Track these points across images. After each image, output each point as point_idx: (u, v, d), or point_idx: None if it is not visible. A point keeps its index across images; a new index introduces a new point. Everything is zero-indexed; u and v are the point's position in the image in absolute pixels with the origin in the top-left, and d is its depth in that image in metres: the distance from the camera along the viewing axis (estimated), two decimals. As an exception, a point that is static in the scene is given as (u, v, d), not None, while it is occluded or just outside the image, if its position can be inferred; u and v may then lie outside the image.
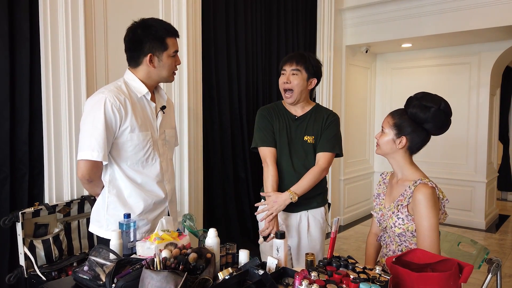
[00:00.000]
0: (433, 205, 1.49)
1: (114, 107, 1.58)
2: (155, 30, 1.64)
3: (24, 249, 1.95)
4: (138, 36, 1.64)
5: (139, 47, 1.64)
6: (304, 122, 2.07)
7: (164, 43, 1.65)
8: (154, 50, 1.63)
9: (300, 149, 2.05)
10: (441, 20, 4.12)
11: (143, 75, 1.68)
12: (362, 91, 5.39)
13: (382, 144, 1.66)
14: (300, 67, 2.00)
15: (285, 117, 2.10)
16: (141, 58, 1.65)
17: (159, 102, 1.78)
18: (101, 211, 1.71)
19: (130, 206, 1.69)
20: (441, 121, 1.56)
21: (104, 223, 1.70)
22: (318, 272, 1.09)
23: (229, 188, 3.39)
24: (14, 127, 2.11)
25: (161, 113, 1.75)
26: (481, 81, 4.80)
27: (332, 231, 1.33)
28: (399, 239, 1.63)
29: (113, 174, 1.68)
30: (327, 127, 2.05)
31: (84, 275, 1.31)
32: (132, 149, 1.65)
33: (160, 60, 1.65)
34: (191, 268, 1.23)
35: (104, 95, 1.59)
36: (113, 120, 1.59)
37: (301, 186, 1.97)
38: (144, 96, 1.69)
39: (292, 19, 4.05)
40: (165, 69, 1.68)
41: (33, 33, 2.14)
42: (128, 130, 1.62)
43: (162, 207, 1.79)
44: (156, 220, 1.73)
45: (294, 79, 2.01)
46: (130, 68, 1.72)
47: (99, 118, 1.56)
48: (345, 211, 5.04)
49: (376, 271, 1.10)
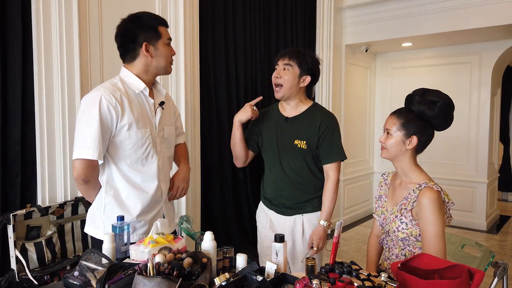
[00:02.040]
0: (439, 210, 1.44)
1: (110, 105, 1.54)
2: (146, 19, 1.64)
3: (15, 252, 1.91)
4: (131, 29, 1.62)
5: (133, 39, 1.61)
6: (296, 125, 1.97)
7: (157, 31, 1.63)
8: (148, 39, 1.61)
9: (290, 153, 1.97)
10: (441, 18, 4.08)
11: (141, 69, 1.65)
12: (362, 90, 5.34)
13: (390, 147, 1.58)
14: (292, 62, 1.92)
15: (276, 119, 2.03)
16: (137, 50, 1.62)
17: (157, 97, 1.73)
18: (97, 212, 1.67)
19: (127, 207, 1.65)
20: (447, 115, 1.53)
21: (100, 225, 1.66)
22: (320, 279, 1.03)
23: (227, 189, 3.34)
24: (5, 126, 2.06)
25: (160, 109, 1.71)
26: (482, 81, 4.76)
27: (335, 235, 1.28)
28: (402, 243, 1.57)
29: (110, 174, 1.64)
30: (325, 134, 1.94)
31: (74, 281, 1.25)
32: (131, 147, 1.61)
33: (156, 49, 1.63)
34: (186, 273, 1.17)
35: (99, 92, 1.55)
36: (109, 118, 1.55)
37: (326, 210, 1.96)
38: (142, 92, 1.65)
39: (291, 17, 4.01)
40: (163, 58, 1.65)
41: (26, 30, 2.09)
42: (126, 127, 1.58)
43: (158, 207, 1.75)
44: (153, 220, 1.69)
45: (285, 74, 1.92)
46: (125, 65, 1.68)
47: (94, 116, 1.52)
48: (345, 212, 5.00)
49: (382, 279, 1.04)
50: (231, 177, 3.37)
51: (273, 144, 2.00)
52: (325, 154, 1.96)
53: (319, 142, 1.94)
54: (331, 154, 1.95)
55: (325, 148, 1.95)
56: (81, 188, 1.65)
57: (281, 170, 1.98)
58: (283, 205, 2.01)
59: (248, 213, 3.50)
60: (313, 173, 1.99)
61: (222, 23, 3.24)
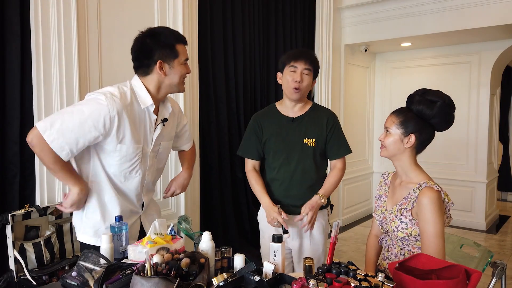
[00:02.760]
0: (438, 210, 1.44)
1: (106, 119, 1.48)
2: (164, 37, 1.58)
3: (14, 253, 1.91)
4: (147, 45, 1.58)
5: (149, 56, 1.57)
6: (302, 124, 1.99)
7: (174, 50, 1.59)
8: (164, 58, 1.57)
9: (299, 152, 1.97)
10: (441, 18, 4.07)
11: (153, 85, 1.61)
12: (361, 90, 5.33)
13: (388, 145, 1.59)
14: (311, 67, 1.94)
15: (279, 121, 2.02)
16: (152, 67, 1.58)
17: (161, 113, 1.69)
18: (79, 214, 1.64)
19: (108, 211, 1.62)
20: (447, 115, 1.53)
21: (81, 227, 1.64)
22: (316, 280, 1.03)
23: (226, 189, 3.33)
24: (4, 126, 2.06)
25: (160, 126, 1.67)
26: (481, 81, 4.75)
27: (332, 235, 1.27)
28: (401, 243, 1.57)
29: (95, 176, 1.60)
30: (333, 130, 2.00)
31: (72, 281, 1.25)
32: (119, 159, 1.58)
33: (171, 67, 1.59)
34: (184, 274, 1.17)
35: (106, 102, 1.48)
36: (101, 128, 1.48)
37: (327, 187, 1.99)
38: (147, 108, 1.61)
39: (291, 17, 4.00)
40: (176, 76, 1.61)
41: (24, 29, 2.08)
42: (116, 140, 1.54)
43: (135, 218, 1.73)
44: (129, 229, 1.65)
45: (305, 79, 1.92)
46: (140, 76, 1.63)
47: (86, 117, 1.46)
48: (344, 212, 5.00)
49: (379, 279, 1.04)
50: (230, 177, 3.36)
51: (279, 146, 1.99)
52: (334, 150, 2.02)
53: (327, 138, 2.00)
54: (340, 149, 2.03)
55: (333, 144, 2.01)
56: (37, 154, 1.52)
57: (289, 170, 1.97)
58: (291, 205, 2.00)
59: (247, 213, 3.50)
60: (320, 171, 2.02)
61: (221, 23, 3.24)
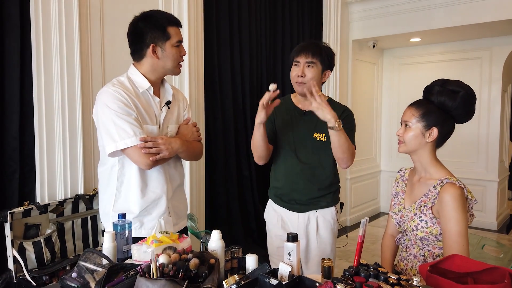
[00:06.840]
0: (462, 207, 1.35)
1: (123, 99, 1.55)
2: (155, 19, 1.61)
3: (13, 252, 1.84)
4: (140, 28, 1.60)
5: (141, 39, 1.60)
6: (314, 118, 1.89)
7: (165, 33, 1.60)
8: (156, 40, 1.59)
9: (308, 146, 1.91)
10: (452, 12, 3.97)
11: (147, 68, 1.64)
12: (369, 87, 5.24)
13: (408, 140, 1.50)
14: (315, 59, 1.85)
15: (291, 112, 1.96)
16: (144, 50, 1.61)
17: (164, 96, 1.72)
18: (108, 205, 1.64)
19: (136, 198, 1.60)
20: (470, 106, 1.46)
21: (111, 218, 1.61)
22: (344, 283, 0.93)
23: (232, 187, 3.26)
24: (3, 121, 1.99)
25: (165, 108, 1.70)
26: (492, 77, 4.65)
27: (360, 234, 1.17)
28: (421, 243, 1.48)
29: (122, 163, 1.61)
30: (345, 123, 1.86)
31: (71, 283, 1.17)
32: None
33: (163, 51, 1.61)
34: (192, 275, 1.09)
35: (112, 89, 1.56)
36: (130, 106, 1.55)
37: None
38: (147, 91, 1.65)
39: (298, 12, 3.93)
40: (169, 60, 1.63)
41: (24, 21, 2.01)
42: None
43: (163, 205, 1.68)
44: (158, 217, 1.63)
45: (309, 72, 1.85)
46: (134, 63, 1.67)
47: (117, 107, 1.52)
48: (352, 211, 4.91)
49: (414, 283, 0.94)
50: (236, 174, 3.30)
51: (289, 137, 1.94)
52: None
53: None
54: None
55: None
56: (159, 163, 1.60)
57: (296, 162, 1.91)
58: (296, 201, 1.93)
59: (253, 211, 3.43)
60: (328, 167, 1.93)
61: (227, 18, 3.17)
